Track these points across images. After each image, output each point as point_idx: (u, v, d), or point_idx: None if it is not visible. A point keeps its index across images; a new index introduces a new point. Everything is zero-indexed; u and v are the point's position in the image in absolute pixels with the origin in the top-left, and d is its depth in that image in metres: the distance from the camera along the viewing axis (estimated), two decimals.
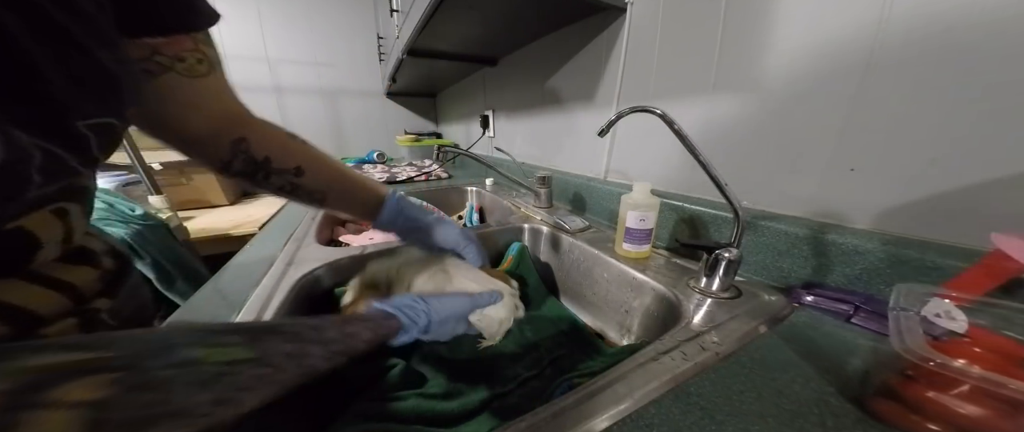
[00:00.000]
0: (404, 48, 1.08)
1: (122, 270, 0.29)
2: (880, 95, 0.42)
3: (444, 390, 0.47)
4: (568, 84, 0.95)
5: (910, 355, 0.25)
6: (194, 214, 1.54)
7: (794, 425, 0.28)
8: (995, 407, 0.23)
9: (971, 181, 0.37)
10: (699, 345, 0.37)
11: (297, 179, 0.39)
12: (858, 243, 0.42)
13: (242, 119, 0.38)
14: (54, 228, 0.23)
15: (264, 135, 0.38)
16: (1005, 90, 0.34)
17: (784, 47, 0.50)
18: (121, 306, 0.27)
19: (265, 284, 0.52)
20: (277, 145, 0.38)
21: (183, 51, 0.31)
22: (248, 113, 0.38)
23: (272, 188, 0.39)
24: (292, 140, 0.40)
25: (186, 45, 0.31)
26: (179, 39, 0.30)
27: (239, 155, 0.37)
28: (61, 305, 0.22)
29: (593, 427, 0.28)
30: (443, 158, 1.88)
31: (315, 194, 0.41)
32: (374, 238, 0.93)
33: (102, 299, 0.25)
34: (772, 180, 0.54)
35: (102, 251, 0.28)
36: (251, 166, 0.38)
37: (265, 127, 0.39)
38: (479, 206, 1.28)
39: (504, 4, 0.75)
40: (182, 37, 0.31)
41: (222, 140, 0.37)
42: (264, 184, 0.39)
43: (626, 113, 0.49)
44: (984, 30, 0.34)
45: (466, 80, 1.70)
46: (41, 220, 0.22)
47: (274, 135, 0.39)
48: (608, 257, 0.62)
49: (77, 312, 0.23)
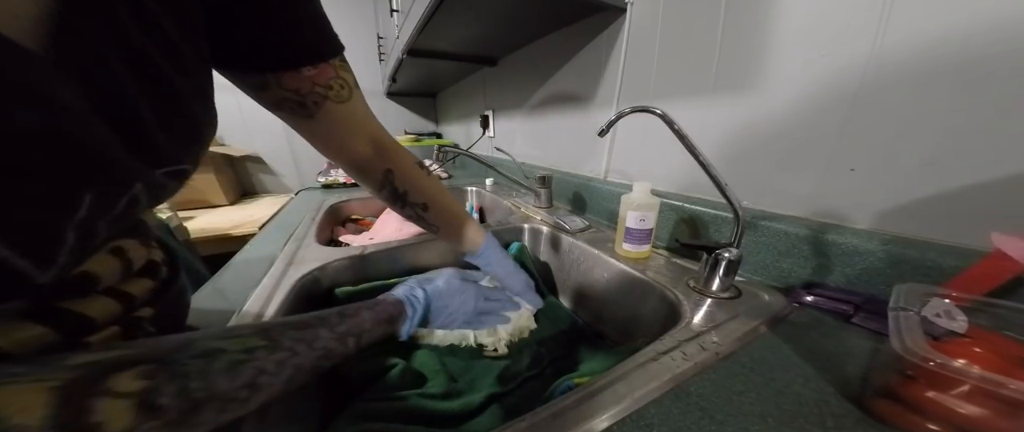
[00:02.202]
0: (404, 48, 1.08)
1: (172, 279, 0.29)
2: (880, 95, 0.42)
3: (444, 390, 0.47)
4: (568, 84, 0.95)
5: (910, 355, 0.25)
6: (194, 214, 1.54)
7: (794, 425, 0.28)
8: (995, 407, 0.23)
9: (971, 181, 0.37)
10: (699, 345, 0.37)
11: (422, 212, 0.48)
12: (858, 243, 0.42)
13: (387, 147, 0.44)
14: (112, 266, 0.23)
15: (404, 170, 0.45)
16: (1005, 90, 0.34)
17: (784, 46, 0.50)
18: (163, 313, 0.27)
19: (265, 284, 0.52)
20: (412, 181, 0.46)
21: (330, 79, 0.34)
22: (389, 138, 0.45)
23: (405, 214, 0.49)
24: (422, 173, 0.48)
25: (329, 74, 0.34)
26: (324, 68, 0.33)
27: (387, 186, 0.45)
28: (114, 312, 0.22)
29: (593, 427, 0.28)
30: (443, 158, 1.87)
31: (433, 225, 0.50)
32: (374, 238, 0.93)
33: (146, 308, 0.25)
34: (772, 180, 0.54)
35: (162, 261, 0.29)
36: (395, 195, 0.46)
37: (402, 156, 0.46)
38: (479, 206, 1.28)
39: (504, 4, 0.75)
40: (326, 66, 0.33)
41: (377, 167, 0.44)
42: (400, 210, 0.48)
43: (626, 113, 0.49)
44: (985, 28, 0.34)
45: (466, 80, 1.70)
46: (100, 261, 0.22)
47: (411, 170, 0.46)
48: (608, 257, 0.62)
49: (122, 320, 0.23)
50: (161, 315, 0.27)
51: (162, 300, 0.27)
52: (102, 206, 0.17)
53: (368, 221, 1.10)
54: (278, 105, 0.34)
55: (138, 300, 0.24)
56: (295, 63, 0.31)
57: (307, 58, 0.32)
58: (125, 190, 0.18)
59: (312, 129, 0.37)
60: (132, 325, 0.24)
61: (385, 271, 0.65)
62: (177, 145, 0.21)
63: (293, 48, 0.31)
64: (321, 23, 0.32)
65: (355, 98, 0.38)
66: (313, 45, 0.32)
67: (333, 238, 0.98)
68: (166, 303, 0.28)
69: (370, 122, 0.42)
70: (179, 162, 0.22)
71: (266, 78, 0.31)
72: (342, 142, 0.40)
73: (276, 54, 0.30)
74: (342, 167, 0.44)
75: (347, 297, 0.57)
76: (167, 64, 0.19)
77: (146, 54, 0.17)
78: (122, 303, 0.23)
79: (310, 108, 0.34)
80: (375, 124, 0.42)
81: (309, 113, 0.35)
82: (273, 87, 0.32)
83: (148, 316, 0.25)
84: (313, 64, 0.32)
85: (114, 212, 0.18)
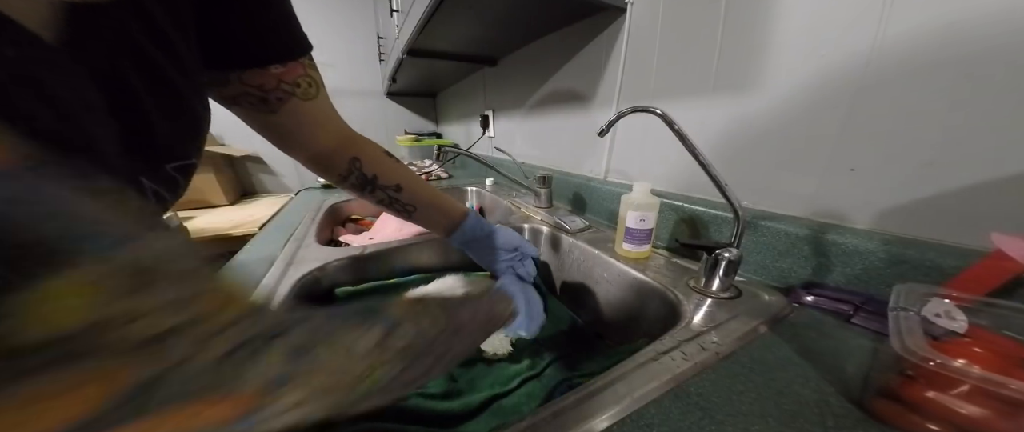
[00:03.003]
0: (404, 48, 1.08)
1: None
2: (880, 95, 0.42)
3: (444, 390, 0.47)
4: (568, 84, 0.95)
5: (910, 355, 0.25)
6: (194, 214, 1.54)
7: (794, 425, 0.28)
8: (995, 407, 0.23)
9: (971, 181, 0.37)
10: (699, 345, 0.37)
11: (395, 194, 0.47)
12: (858, 243, 0.42)
13: (352, 139, 0.44)
14: None
15: (372, 156, 0.45)
16: (1005, 90, 0.34)
17: (784, 46, 0.50)
18: None
19: (265, 284, 0.52)
20: (382, 166, 0.46)
21: (298, 77, 0.35)
22: (352, 131, 0.45)
23: (375, 199, 0.47)
24: (390, 158, 0.47)
25: (298, 71, 0.35)
26: (293, 67, 0.34)
27: (354, 172, 0.44)
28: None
29: (593, 427, 0.28)
30: (443, 158, 1.88)
31: (408, 206, 0.48)
32: (374, 238, 0.93)
33: None
34: (772, 180, 0.54)
35: None
36: (362, 181, 0.45)
37: (369, 146, 0.46)
38: (479, 206, 1.28)
39: (504, 4, 0.75)
40: (295, 64, 0.34)
41: (342, 157, 0.43)
42: (369, 196, 0.47)
43: (626, 113, 0.49)
44: (985, 28, 0.34)
45: (466, 80, 1.70)
46: None
47: (379, 157, 0.46)
48: (608, 257, 0.62)
49: None
50: None
51: None
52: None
53: (368, 221, 1.10)
54: (235, 100, 0.34)
55: None
56: (264, 61, 0.32)
57: (277, 57, 0.33)
58: (132, 182, 0.19)
59: (271, 123, 0.37)
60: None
61: (385, 271, 0.65)
62: (183, 140, 0.22)
63: (267, 47, 0.32)
64: (293, 22, 0.33)
65: (321, 95, 0.38)
66: (285, 44, 0.33)
67: (333, 238, 0.98)
68: None
69: (335, 118, 0.42)
70: (187, 157, 0.23)
71: (228, 75, 0.32)
72: (305, 137, 0.40)
73: (247, 53, 0.31)
74: (300, 161, 0.43)
75: (347, 297, 0.57)
76: (169, 65, 0.20)
77: (152, 56, 0.18)
78: None
79: (272, 104, 0.35)
80: (340, 120, 0.43)
81: (271, 108, 0.35)
82: (234, 83, 0.32)
83: None
84: (282, 62, 0.33)
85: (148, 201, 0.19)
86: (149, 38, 0.18)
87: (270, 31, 0.31)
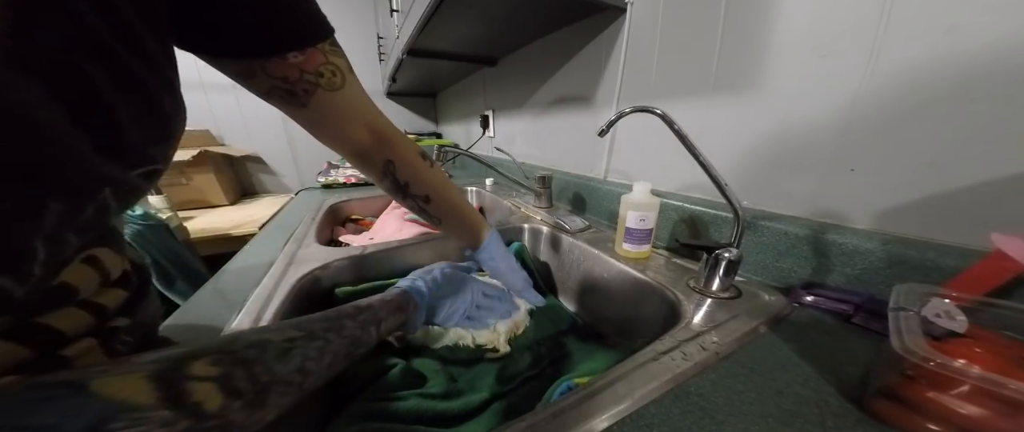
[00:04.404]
0: (404, 48, 1.08)
1: (143, 287, 0.28)
2: (880, 95, 0.42)
3: (444, 390, 0.46)
4: (568, 84, 0.95)
5: (910, 355, 0.25)
6: (194, 214, 1.54)
7: (794, 425, 0.28)
8: (995, 407, 0.23)
9: (971, 181, 0.37)
10: (699, 345, 0.37)
11: (424, 205, 0.48)
12: (858, 243, 0.42)
13: (387, 136, 0.43)
14: (89, 277, 0.22)
15: (405, 161, 0.45)
16: (1006, 89, 0.34)
17: (784, 46, 0.50)
18: (138, 322, 0.26)
19: (265, 284, 0.52)
20: (414, 173, 0.46)
21: (319, 66, 0.33)
22: (390, 126, 0.44)
23: (407, 205, 0.49)
24: (424, 165, 0.47)
25: (319, 59, 0.32)
26: (313, 54, 0.32)
27: (389, 175, 0.45)
28: (86, 324, 0.22)
29: (593, 427, 0.28)
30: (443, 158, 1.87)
31: (435, 217, 0.50)
32: (374, 238, 0.93)
33: (122, 318, 0.24)
34: (772, 180, 0.54)
35: (132, 270, 0.28)
36: (396, 186, 0.46)
37: (403, 147, 0.45)
38: (479, 206, 1.28)
39: (504, 4, 0.75)
40: (314, 51, 0.32)
41: (378, 156, 0.43)
42: (401, 201, 0.48)
43: (626, 113, 0.49)
44: (985, 27, 0.34)
45: (466, 80, 1.70)
46: (76, 272, 0.21)
47: (413, 161, 0.46)
48: (608, 257, 0.62)
49: (97, 331, 0.22)
50: (137, 324, 0.26)
51: (137, 309, 0.26)
52: (70, 215, 0.17)
53: (368, 221, 1.10)
54: (268, 94, 0.32)
55: (111, 310, 0.23)
56: (278, 48, 0.30)
57: (290, 43, 0.30)
58: (93, 197, 0.18)
59: (307, 118, 0.36)
60: (109, 335, 0.23)
61: (385, 271, 0.65)
62: (151, 143, 0.20)
63: (274, 31, 0.29)
64: (305, 5, 0.30)
65: (349, 84, 0.36)
66: (295, 29, 0.30)
67: (333, 238, 0.98)
68: (141, 312, 0.27)
69: (368, 109, 0.40)
70: (154, 161, 0.21)
71: (251, 65, 0.30)
72: (339, 131, 0.39)
73: (255, 38, 0.29)
74: (343, 156, 0.43)
75: (347, 297, 0.57)
76: (134, 58, 0.17)
77: (111, 48, 0.16)
78: (94, 314, 0.22)
79: (301, 97, 0.33)
80: (373, 111, 0.41)
81: (301, 102, 0.33)
82: (260, 75, 0.30)
83: (124, 326, 0.24)
84: (299, 49, 0.31)
85: (82, 220, 0.18)
86: (108, 27, 0.16)
87: (271, 12, 0.28)
